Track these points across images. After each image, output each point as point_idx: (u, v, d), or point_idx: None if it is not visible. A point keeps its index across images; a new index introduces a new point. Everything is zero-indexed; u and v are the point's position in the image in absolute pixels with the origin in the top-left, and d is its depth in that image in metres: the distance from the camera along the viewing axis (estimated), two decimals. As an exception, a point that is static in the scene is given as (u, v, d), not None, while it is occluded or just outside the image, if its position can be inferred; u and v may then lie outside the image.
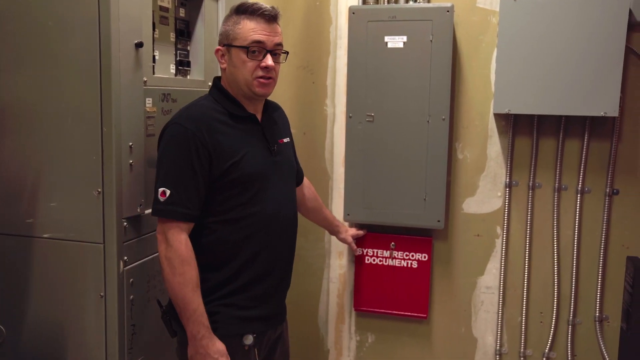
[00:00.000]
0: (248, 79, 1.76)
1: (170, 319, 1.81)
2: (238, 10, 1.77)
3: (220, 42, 1.81)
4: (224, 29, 1.79)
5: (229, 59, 1.79)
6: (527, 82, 2.28)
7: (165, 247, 1.67)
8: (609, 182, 2.41)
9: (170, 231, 1.66)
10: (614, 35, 2.18)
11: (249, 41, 1.74)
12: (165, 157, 1.69)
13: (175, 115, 1.77)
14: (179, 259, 1.66)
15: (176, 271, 1.66)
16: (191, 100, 2.08)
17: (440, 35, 2.35)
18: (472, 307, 2.63)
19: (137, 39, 1.82)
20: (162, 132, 1.74)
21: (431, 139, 2.41)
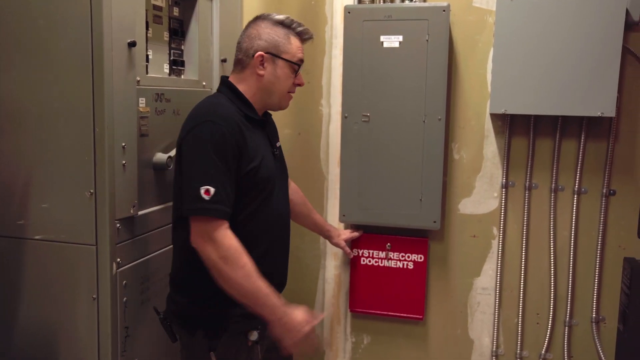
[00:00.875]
0: (284, 92, 1.83)
1: (170, 324, 1.81)
2: (285, 25, 1.82)
3: (265, 49, 1.78)
4: (273, 38, 1.79)
5: (273, 69, 1.80)
6: (523, 82, 2.28)
7: (214, 248, 1.61)
8: (606, 183, 2.40)
9: (217, 230, 1.61)
10: (611, 35, 2.17)
11: (297, 59, 1.82)
12: (202, 154, 1.62)
13: (200, 113, 1.72)
14: (235, 253, 1.61)
15: (237, 266, 1.61)
16: (185, 100, 2.11)
17: (436, 34, 2.34)
18: (469, 308, 2.62)
19: (130, 38, 1.81)
20: (190, 130, 1.67)
21: (427, 139, 2.40)
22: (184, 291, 1.80)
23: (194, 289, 1.77)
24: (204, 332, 1.74)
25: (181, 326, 1.77)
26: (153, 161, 2.03)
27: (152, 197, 2.04)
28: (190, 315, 1.77)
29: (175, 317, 1.79)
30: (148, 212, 1.99)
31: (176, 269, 1.84)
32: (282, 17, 1.83)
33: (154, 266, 2.03)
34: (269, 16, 1.83)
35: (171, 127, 2.11)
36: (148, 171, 2.01)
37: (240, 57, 1.82)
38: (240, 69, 1.83)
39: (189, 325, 1.77)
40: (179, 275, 1.82)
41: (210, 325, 1.74)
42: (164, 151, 2.07)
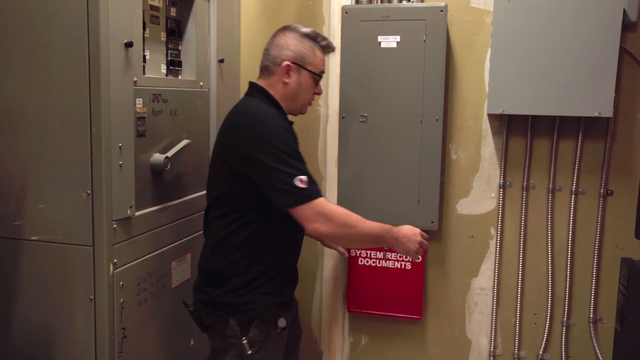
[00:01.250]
0: (305, 101, 1.97)
1: (200, 315, 1.91)
2: (312, 38, 1.95)
3: (292, 59, 1.91)
4: (300, 50, 1.92)
5: (297, 78, 1.93)
6: (521, 83, 2.27)
7: (331, 223, 1.75)
8: (603, 183, 2.40)
9: (323, 207, 1.75)
10: (608, 36, 2.17)
11: (319, 71, 1.96)
12: (280, 154, 1.74)
13: (256, 120, 1.80)
14: (345, 215, 1.78)
15: (353, 224, 1.79)
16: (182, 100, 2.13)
17: (433, 35, 2.34)
18: (466, 308, 2.62)
19: (126, 39, 1.80)
20: (256, 137, 1.76)
21: (425, 139, 2.40)
22: (218, 281, 1.88)
23: (229, 278, 1.86)
24: (236, 320, 1.84)
25: (213, 316, 1.87)
26: (150, 162, 2.02)
27: (150, 198, 2.03)
28: (224, 303, 1.86)
29: (206, 307, 1.88)
30: (145, 213, 1.98)
31: (210, 260, 1.93)
32: (309, 30, 1.96)
33: (151, 267, 2.02)
34: (297, 28, 1.95)
35: (168, 127, 2.11)
36: (145, 172, 2.00)
37: (268, 64, 1.95)
38: (267, 75, 1.95)
39: (222, 314, 1.86)
40: (215, 266, 1.90)
41: (243, 312, 1.84)
42: (161, 152, 2.06)
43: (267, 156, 1.74)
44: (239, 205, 1.85)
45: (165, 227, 2.11)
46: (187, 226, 2.25)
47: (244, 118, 1.84)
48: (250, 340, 1.84)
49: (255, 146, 1.75)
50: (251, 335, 1.84)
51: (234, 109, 1.95)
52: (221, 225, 1.87)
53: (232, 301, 1.85)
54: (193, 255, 2.29)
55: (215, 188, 1.92)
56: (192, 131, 2.26)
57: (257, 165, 1.76)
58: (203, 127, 2.37)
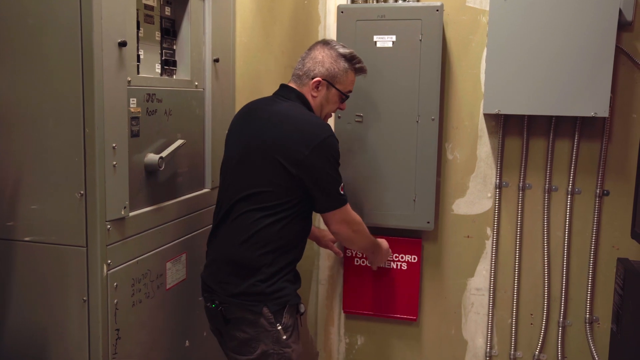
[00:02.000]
0: (328, 114, 2.11)
1: (222, 309, 1.97)
2: (349, 60, 2.06)
3: (323, 75, 2.03)
4: (334, 69, 2.03)
5: (326, 93, 2.05)
6: (517, 82, 2.27)
7: (350, 228, 2.05)
8: (599, 183, 2.40)
9: (349, 213, 2.03)
10: (604, 35, 2.17)
11: (347, 91, 2.09)
12: (333, 164, 1.94)
13: (315, 129, 1.93)
14: (360, 225, 2.10)
15: (363, 233, 2.14)
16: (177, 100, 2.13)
17: (429, 34, 2.34)
18: (462, 308, 2.61)
19: (120, 38, 1.78)
20: (317, 146, 1.89)
21: (421, 139, 2.40)
22: (248, 272, 1.94)
23: (260, 268, 1.93)
24: (269, 308, 1.92)
25: (243, 307, 1.93)
26: (144, 162, 2.00)
27: (144, 198, 2.01)
28: (256, 292, 1.92)
29: (236, 299, 1.94)
30: (139, 213, 1.97)
31: (240, 252, 1.96)
32: (347, 51, 2.06)
33: (145, 268, 2.00)
34: (335, 47, 2.06)
35: (163, 127, 2.09)
36: (140, 172, 1.98)
37: (301, 74, 2.06)
38: (299, 84, 2.07)
39: (255, 303, 1.92)
40: (245, 257, 1.95)
41: (274, 300, 1.93)
42: (155, 152, 2.04)
43: (326, 165, 1.91)
44: (282, 201, 1.94)
45: (160, 228, 2.09)
46: (182, 226, 2.23)
47: (304, 125, 1.94)
48: (284, 326, 1.93)
49: (317, 154, 1.89)
50: (284, 321, 1.93)
51: (284, 111, 2.00)
52: (257, 217, 1.94)
53: (264, 290, 1.92)
54: (188, 256, 2.27)
55: (256, 184, 1.96)
56: (186, 131, 2.25)
57: (314, 170, 1.91)
58: (198, 127, 2.35)
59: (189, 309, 2.11)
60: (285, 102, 2.04)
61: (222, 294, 1.98)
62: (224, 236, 2.02)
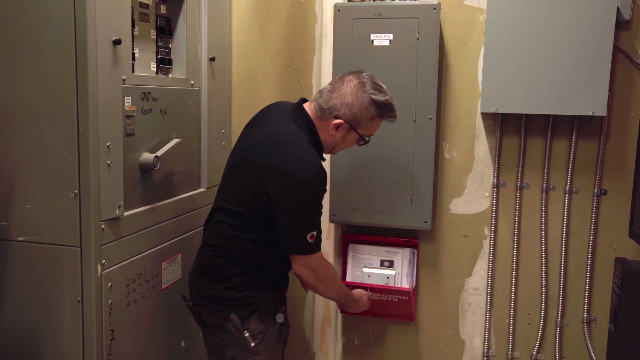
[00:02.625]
0: (340, 150, 2.03)
1: (199, 310, 1.95)
2: (381, 108, 1.90)
3: (348, 118, 1.88)
4: (361, 115, 1.88)
5: (344, 135, 1.93)
6: (514, 81, 2.26)
7: (315, 275, 1.94)
8: (597, 183, 2.39)
9: (316, 261, 1.90)
10: (602, 34, 2.15)
11: (369, 134, 1.97)
12: (307, 208, 1.82)
13: (294, 167, 1.78)
14: (329, 277, 2.01)
15: (330, 285, 2.03)
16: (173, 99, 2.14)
17: (426, 33, 2.32)
18: (460, 308, 2.61)
19: (114, 36, 1.78)
20: (290, 186, 1.78)
21: (418, 138, 2.38)
22: (219, 279, 1.91)
23: (229, 276, 1.90)
24: (237, 313, 1.88)
25: (213, 311, 1.91)
26: (139, 161, 2.01)
27: (139, 198, 2.02)
28: (224, 298, 1.89)
29: (206, 302, 1.92)
30: (134, 213, 1.97)
31: (212, 258, 1.94)
32: (381, 99, 1.88)
33: (140, 268, 2.01)
34: (370, 90, 1.88)
35: (158, 126, 2.10)
36: (134, 171, 1.98)
37: (325, 108, 1.90)
38: (320, 116, 1.91)
39: (223, 308, 1.89)
40: (215, 264, 1.93)
41: (243, 307, 1.88)
42: (150, 151, 2.05)
43: (293, 207, 1.81)
44: (253, 224, 1.88)
45: (155, 228, 2.10)
46: (177, 226, 2.24)
47: (288, 161, 1.80)
48: (252, 333, 1.88)
49: (286, 194, 1.79)
50: (252, 328, 1.88)
51: (280, 136, 1.86)
52: (229, 232, 1.90)
53: (233, 296, 1.89)
54: (184, 256, 2.27)
55: (231, 199, 1.91)
56: (182, 130, 2.25)
57: (280, 209, 1.81)
58: (194, 126, 2.36)
59: (184, 309, 2.10)
60: (290, 126, 1.88)
61: (196, 294, 1.98)
62: (204, 238, 2.02)
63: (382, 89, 1.91)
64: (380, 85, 1.92)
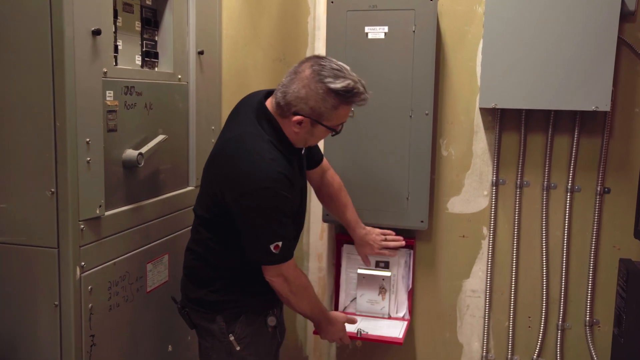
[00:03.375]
0: (315, 143, 1.92)
1: (188, 313, 1.93)
2: (341, 95, 1.72)
3: (306, 114, 1.74)
4: (320, 108, 1.73)
5: (309, 129, 1.78)
6: (514, 75, 2.22)
7: (287, 285, 1.82)
8: (600, 180, 2.36)
9: (287, 271, 1.80)
10: (606, 26, 2.12)
11: (339, 123, 1.82)
12: (265, 218, 1.73)
13: (250, 174, 1.71)
14: (302, 289, 1.87)
15: (303, 298, 1.89)
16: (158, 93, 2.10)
17: (423, 25, 2.28)
18: (458, 311, 2.58)
19: (94, 26, 1.71)
20: (245, 194, 1.72)
21: (414, 135, 2.35)
22: (202, 282, 1.90)
23: (212, 279, 1.88)
24: (222, 317, 1.86)
25: (200, 314, 1.89)
26: (123, 158, 1.94)
27: (122, 197, 1.95)
28: (210, 301, 1.87)
29: (194, 305, 1.91)
30: (117, 212, 1.90)
31: (195, 261, 1.93)
32: (341, 85, 1.71)
33: (123, 270, 1.94)
34: (326, 79, 1.71)
35: (142, 122, 2.04)
36: (117, 169, 1.92)
37: (282, 104, 1.77)
38: (280, 113, 1.79)
39: (209, 311, 1.88)
40: (198, 267, 1.92)
41: (229, 309, 1.86)
42: (134, 147, 1.98)
43: (251, 217, 1.74)
44: (222, 230, 1.85)
45: (140, 227, 2.04)
46: (164, 226, 2.18)
47: (243, 165, 1.73)
48: (237, 337, 1.86)
49: (243, 204, 1.73)
50: (238, 332, 1.86)
51: (239, 134, 1.80)
52: (204, 236, 1.89)
53: (217, 299, 1.87)
54: (171, 257, 2.22)
55: (201, 204, 1.91)
56: (169, 126, 2.19)
57: (240, 216, 1.75)
58: (182, 122, 2.30)
59: (172, 313, 2.06)
60: (251, 127, 1.80)
61: (184, 297, 1.97)
62: (188, 241, 2.00)
63: (341, 73, 1.73)
64: (339, 68, 1.74)
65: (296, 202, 1.87)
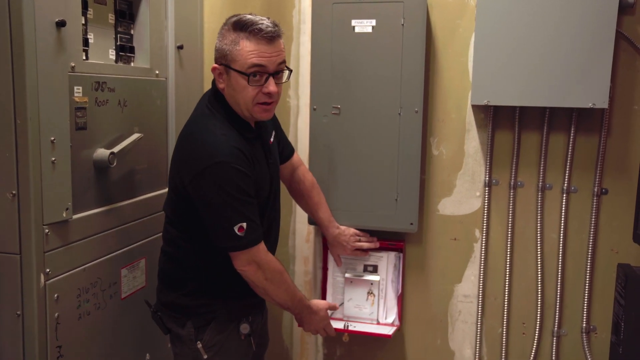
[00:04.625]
0: (249, 104, 1.73)
1: (161, 317, 1.88)
2: (236, 26, 1.68)
3: (217, 59, 1.74)
4: (221, 47, 1.71)
5: (228, 81, 1.73)
6: (508, 71, 2.15)
7: (261, 273, 1.75)
8: (597, 181, 2.29)
9: (258, 255, 1.73)
10: (604, 19, 2.05)
11: (249, 65, 1.67)
12: (224, 197, 1.67)
13: (202, 151, 1.67)
14: (277, 274, 1.79)
15: (280, 285, 1.81)
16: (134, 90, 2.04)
17: (412, 18, 2.20)
18: (449, 317, 2.51)
19: (58, 17, 1.63)
20: (200, 174, 1.66)
21: (403, 133, 2.27)
22: (174, 285, 1.86)
23: (183, 282, 1.83)
24: (192, 322, 1.82)
25: (172, 319, 1.85)
26: (93, 158, 1.87)
27: (93, 199, 1.88)
28: (181, 305, 1.83)
29: (167, 309, 1.87)
30: (87, 216, 1.84)
31: (165, 263, 1.90)
32: (238, 17, 1.69)
33: (95, 276, 1.88)
34: (230, 19, 1.72)
35: (116, 119, 1.97)
36: (87, 169, 1.85)
37: None
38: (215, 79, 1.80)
39: (180, 316, 1.84)
40: (169, 269, 1.88)
41: (200, 315, 1.82)
42: (107, 147, 1.91)
43: (209, 198, 1.68)
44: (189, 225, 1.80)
45: (113, 231, 1.97)
46: (140, 229, 2.12)
47: (195, 145, 1.70)
48: (205, 344, 1.81)
49: (198, 184, 1.68)
50: (206, 339, 1.82)
51: (191, 120, 1.81)
52: (173, 235, 1.85)
53: (188, 304, 1.83)
54: (149, 261, 2.15)
55: (168, 199, 1.88)
56: (146, 124, 2.12)
57: (200, 199, 1.70)
58: (160, 119, 2.24)
59: (149, 319, 1.98)
60: (200, 109, 1.80)
61: (157, 300, 1.93)
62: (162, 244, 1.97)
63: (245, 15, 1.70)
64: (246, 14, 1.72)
65: (264, 187, 1.81)
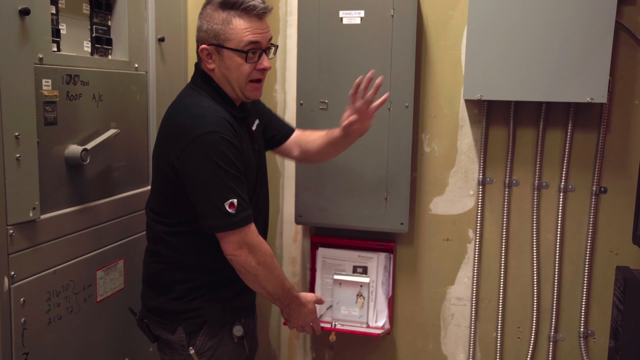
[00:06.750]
0: (242, 82, 1.75)
1: (147, 325, 1.85)
2: (224, 5, 1.70)
3: (205, 40, 1.73)
4: (211, 27, 1.71)
5: (220, 61, 1.73)
6: (502, 64, 2.14)
7: (252, 257, 1.69)
8: (596, 179, 2.27)
9: (249, 236, 1.68)
10: (603, 10, 2.04)
11: (245, 43, 1.69)
12: (213, 170, 1.63)
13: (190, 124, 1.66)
14: (269, 257, 1.73)
15: (272, 269, 1.74)
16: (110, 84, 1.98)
17: (402, 9, 2.20)
18: (441, 320, 2.48)
19: (21, 4, 1.55)
20: (188, 146, 1.63)
21: (393, 129, 2.27)
22: (161, 288, 1.81)
23: (173, 285, 1.79)
24: (183, 327, 1.78)
25: (161, 324, 1.81)
26: (65, 155, 1.80)
27: (65, 198, 1.81)
28: (170, 310, 1.79)
29: (154, 316, 1.83)
30: (57, 215, 1.76)
31: (150, 265, 1.86)
32: None
33: (67, 278, 1.80)
34: (212, 1, 1.73)
35: (90, 114, 1.89)
36: (58, 166, 1.78)
37: (196, 50, 1.78)
38: (201, 60, 1.79)
39: (169, 322, 1.80)
40: (155, 271, 1.84)
41: (190, 320, 1.78)
42: (80, 143, 1.84)
43: (197, 172, 1.64)
44: (178, 214, 1.76)
45: (88, 231, 1.90)
46: (118, 229, 2.05)
47: (181, 120, 1.69)
48: (198, 350, 1.77)
49: (187, 157, 1.64)
50: (199, 344, 1.78)
51: (174, 101, 1.81)
52: (159, 231, 1.80)
53: (177, 308, 1.78)
54: (128, 262, 2.09)
55: (153, 192, 1.85)
56: (124, 120, 2.06)
57: (186, 178, 1.66)
58: (139, 115, 2.17)
59: (129, 322, 1.94)
60: (185, 90, 1.82)
61: (143, 306, 1.89)
62: None
63: None
64: None
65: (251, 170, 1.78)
